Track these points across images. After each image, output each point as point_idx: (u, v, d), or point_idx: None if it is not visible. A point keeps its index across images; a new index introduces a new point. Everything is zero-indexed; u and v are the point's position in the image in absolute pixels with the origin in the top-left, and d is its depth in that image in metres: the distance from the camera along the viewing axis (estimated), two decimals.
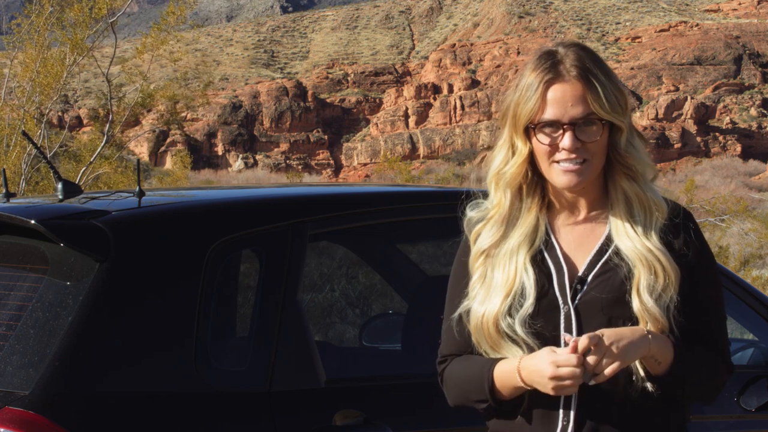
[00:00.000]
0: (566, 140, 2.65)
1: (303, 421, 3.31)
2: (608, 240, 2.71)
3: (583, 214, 2.75)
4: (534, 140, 2.69)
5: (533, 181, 2.75)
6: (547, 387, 2.57)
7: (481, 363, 2.72)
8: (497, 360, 2.69)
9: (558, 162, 2.67)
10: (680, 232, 2.71)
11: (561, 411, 2.65)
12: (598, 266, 2.69)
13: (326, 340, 5.96)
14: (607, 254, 2.70)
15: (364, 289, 6.60)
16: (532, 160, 2.73)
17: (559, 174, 2.68)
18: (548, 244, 2.74)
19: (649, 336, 2.59)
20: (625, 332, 2.57)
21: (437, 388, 2.85)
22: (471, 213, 2.80)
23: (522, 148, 2.71)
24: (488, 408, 2.71)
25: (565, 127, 2.65)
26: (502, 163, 2.74)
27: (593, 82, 2.66)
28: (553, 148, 2.67)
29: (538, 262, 2.71)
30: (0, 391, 3.07)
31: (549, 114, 2.67)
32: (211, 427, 3.20)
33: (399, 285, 5.02)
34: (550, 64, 2.69)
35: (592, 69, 2.68)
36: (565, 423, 2.65)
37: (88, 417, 3.07)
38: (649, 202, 2.71)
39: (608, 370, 2.54)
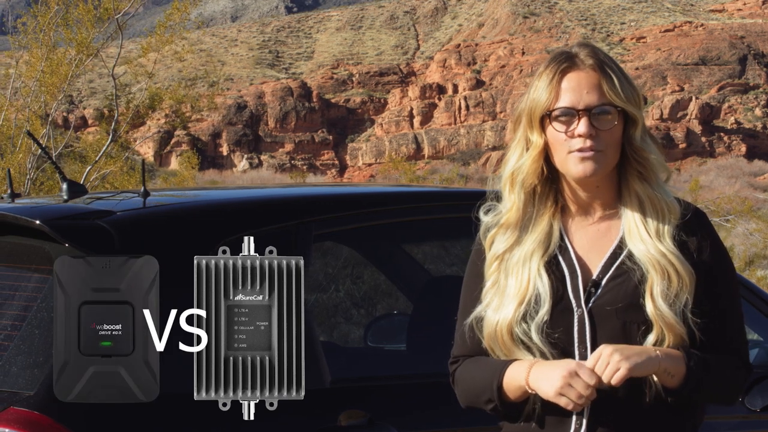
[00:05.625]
0: (581, 127, 2.65)
1: (307, 421, 3.31)
2: (622, 243, 2.71)
3: (597, 216, 2.75)
4: (549, 131, 2.69)
5: (547, 182, 2.74)
6: (554, 384, 2.55)
7: (495, 363, 2.71)
8: (512, 361, 2.68)
9: (573, 152, 2.66)
10: (693, 231, 2.70)
11: (574, 416, 2.64)
12: (612, 269, 2.69)
13: (331, 340, 5.96)
14: (621, 257, 2.69)
15: (369, 289, 6.60)
16: (546, 157, 2.72)
17: (575, 163, 2.66)
18: (562, 247, 2.73)
19: (658, 354, 2.58)
20: (635, 349, 2.58)
21: (442, 388, 2.85)
22: (485, 217, 2.79)
23: (537, 140, 2.70)
24: (494, 409, 2.71)
25: (580, 113, 2.65)
26: (516, 160, 2.74)
27: (608, 72, 2.68)
28: (569, 136, 2.67)
29: (552, 266, 2.70)
30: (5, 391, 3.07)
31: (564, 101, 2.67)
32: (212, 427, 3.20)
33: (404, 285, 5.02)
34: (565, 57, 2.71)
35: (606, 61, 2.70)
36: (577, 426, 2.64)
37: (92, 417, 3.06)
38: (661, 204, 2.69)
39: (614, 379, 2.54)
